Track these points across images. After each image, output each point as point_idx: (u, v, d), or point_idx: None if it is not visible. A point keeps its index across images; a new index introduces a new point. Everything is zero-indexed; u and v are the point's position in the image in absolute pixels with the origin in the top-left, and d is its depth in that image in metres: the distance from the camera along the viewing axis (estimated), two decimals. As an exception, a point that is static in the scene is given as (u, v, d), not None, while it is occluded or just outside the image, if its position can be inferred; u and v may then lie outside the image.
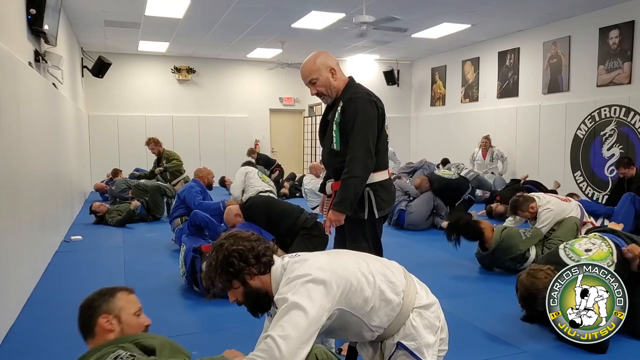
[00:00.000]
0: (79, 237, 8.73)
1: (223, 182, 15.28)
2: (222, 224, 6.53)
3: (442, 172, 10.39)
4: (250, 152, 16.53)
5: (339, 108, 3.88)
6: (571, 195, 9.00)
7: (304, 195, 11.27)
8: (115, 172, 13.60)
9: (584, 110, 11.65)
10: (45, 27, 7.29)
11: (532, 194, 7.26)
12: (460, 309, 5.10)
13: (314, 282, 2.64)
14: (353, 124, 3.80)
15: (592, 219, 7.31)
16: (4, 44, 5.07)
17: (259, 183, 9.74)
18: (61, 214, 8.79)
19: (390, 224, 9.61)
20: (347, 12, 11.09)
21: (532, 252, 6.27)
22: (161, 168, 12.13)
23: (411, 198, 9.54)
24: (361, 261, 2.92)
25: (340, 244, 4.15)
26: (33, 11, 6.92)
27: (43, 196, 6.94)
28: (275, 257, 2.86)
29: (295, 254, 2.95)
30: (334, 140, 3.90)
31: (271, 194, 9.32)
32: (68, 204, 9.85)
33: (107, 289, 2.83)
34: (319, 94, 4.00)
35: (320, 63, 3.93)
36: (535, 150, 13.04)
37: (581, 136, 11.71)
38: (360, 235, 3.97)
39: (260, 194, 8.96)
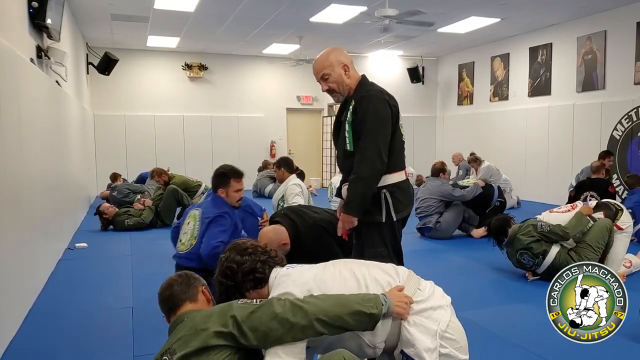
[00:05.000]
0: (84, 244, 8.72)
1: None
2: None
3: (463, 182, 10.16)
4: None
5: (350, 107, 3.94)
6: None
7: (329, 196, 10.99)
8: (115, 177, 13.41)
9: (621, 110, 11.56)
10: (48, 21, 7.28)
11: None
12: (487, 319, 5.08)
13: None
14: (365, 123, 3.86)
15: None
16: (4, 39, 5.05)
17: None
18: (65, 219, 8.79)
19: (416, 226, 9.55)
20: (369, 5, 11.02)
21: (553, 251, 6.27)
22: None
23: (445, 210, 9.33)
24: (357, 272, 3.06)
25: (358, 249, 4.13)
26: (35, 4, 6.93)
27: (45, 201, 6.93)
28: (274, 270, 3.10)
29: (290, 265, 3.17)
30: (347, 141, 3.96)
31: None
32: (72, 209, 9.86)
33: (183, 272, 3.22)
34: (330, 91, 4.06)
35: (334, 59, 4.00)
36: (569, 152, 12.91)
37: (618, 137, 11.59)
38: (379, 239, 3.98)
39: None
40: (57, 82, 8.55)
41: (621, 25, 11.54)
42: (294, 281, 2.95)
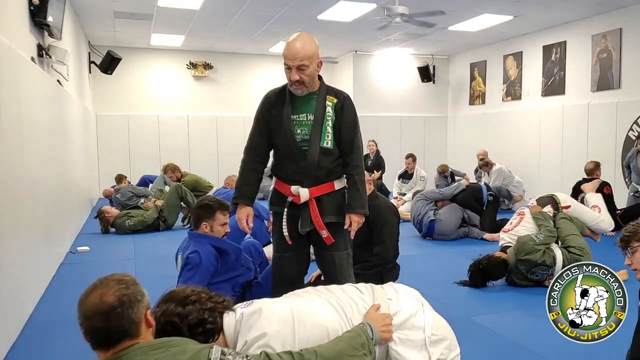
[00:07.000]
0: (86, 247, 8.71)
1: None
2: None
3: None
4: None
5: (331, 104, 4.04)
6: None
7: None
8: (120, 178, 13.37)
9: (637, 110, 11.49)
10: (49, 19, 7.28)
11: None
12: (500, 325, 5.13)
13: (271, 346, 2.61)
14: (354, 126, 4.14)
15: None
16: (5, 37, 5.05)
17: None
18: (67, 222, 8.80)
19: (420, 235, 9.65)
20: (379, 3, 11.01)
21: (558, 255, 6.33)
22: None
23: (437, 208, 9.52)
24: (330, 299, 2.99)
25: (322, 253, 4.22)
26: (36, 1, 6.93)
27: (47, 203, 6.93)
28: (226, 315, 2.75)
29: (248, 302, 2.90)
30: (329, 138, 4.05)
31: None
32: (74, 211, 9.87)
33: (125, 290, 2.40)
34: (299, 82, 3.94)
35: (315, 52, 3.96)
36: (584, 153, 12.81)
37: (633, 137, 11.49)
38: (348, 240, 4.20)
39: None
40: (58, 81, 8.56)
41: (637, 22, 11.45)
42: (267, 318, 2.70)
